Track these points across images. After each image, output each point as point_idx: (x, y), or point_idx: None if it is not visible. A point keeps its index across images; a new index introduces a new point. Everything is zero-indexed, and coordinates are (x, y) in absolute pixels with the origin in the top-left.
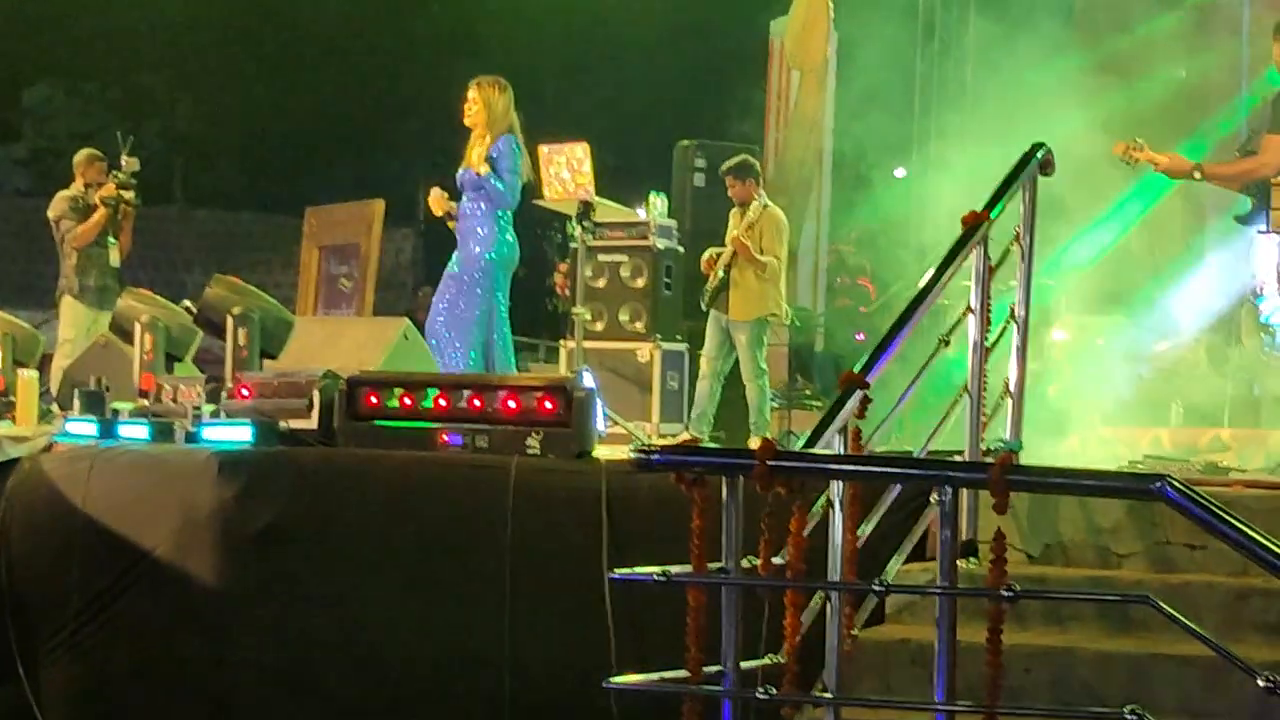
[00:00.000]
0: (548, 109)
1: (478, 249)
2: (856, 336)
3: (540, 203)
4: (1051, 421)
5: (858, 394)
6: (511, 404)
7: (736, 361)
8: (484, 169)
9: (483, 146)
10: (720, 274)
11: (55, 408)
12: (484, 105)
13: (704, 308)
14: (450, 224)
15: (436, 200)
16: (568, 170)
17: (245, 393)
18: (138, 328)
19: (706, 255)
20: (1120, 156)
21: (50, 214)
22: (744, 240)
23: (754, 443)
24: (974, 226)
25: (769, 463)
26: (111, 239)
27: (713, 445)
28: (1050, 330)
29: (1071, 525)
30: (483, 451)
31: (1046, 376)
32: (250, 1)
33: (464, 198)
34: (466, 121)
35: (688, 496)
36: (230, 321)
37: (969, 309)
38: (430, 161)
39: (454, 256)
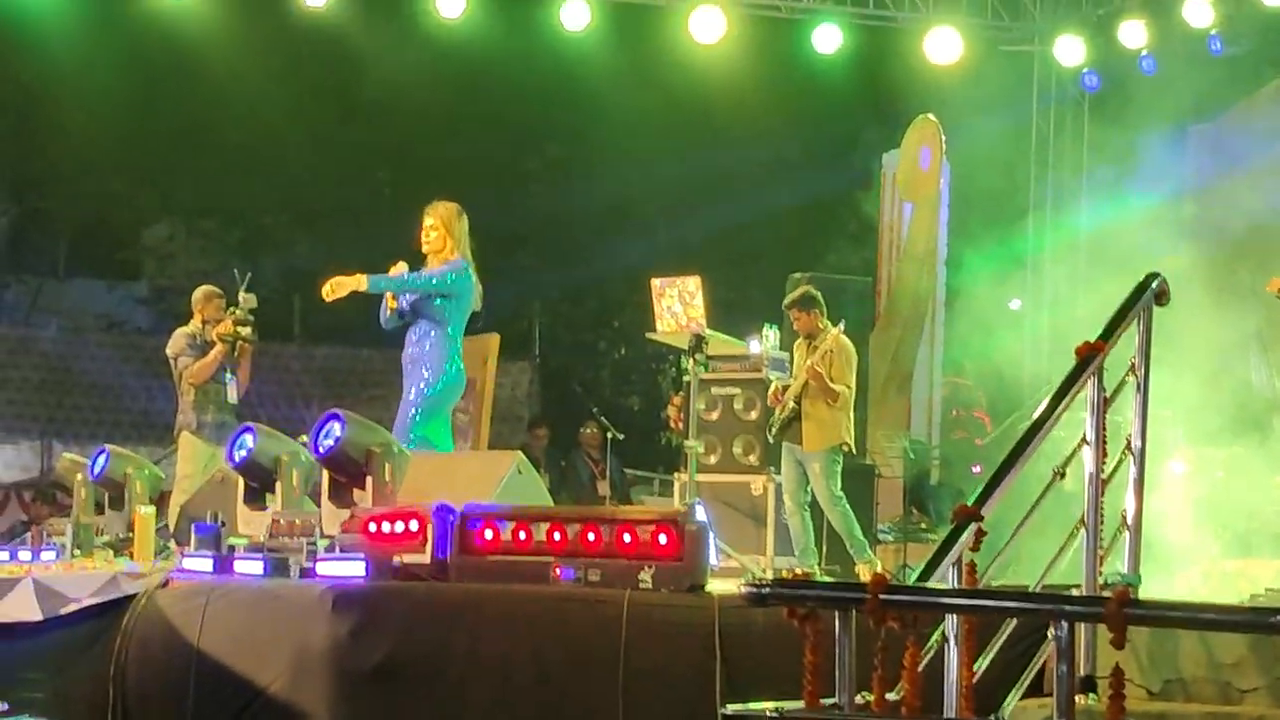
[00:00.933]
0: (659, 242)
1: (427, 375)
2: (973, 469)
3: (653, 336)
4: (1171, 554)
5: (972, 527)
6: (625, 538)
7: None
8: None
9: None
10: (791, 405)
11: (172, 543)
12: (444, 229)
13: (772, 440)
14: (391, 304)
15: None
16: (680, 304)
17: (363, 527)
18: (281, 465)
19: (773, 388)
20: (1276, 295)
21: (169, 351)
22: (817, 369)
23: (865, 575)
24: (1088, 357)
25: (882, 596)
26: (229, 375)
27: (826, 579)
28: (1168, 462)
29: (1192, 660)
30: (596, 585)
31: (1165, 509)
32: (366, 142)
33: (411, 328)
34: (425, 249)
35: (800, 631)
36: (374, 457)
37: (1084, 440)
38: (545, 296)
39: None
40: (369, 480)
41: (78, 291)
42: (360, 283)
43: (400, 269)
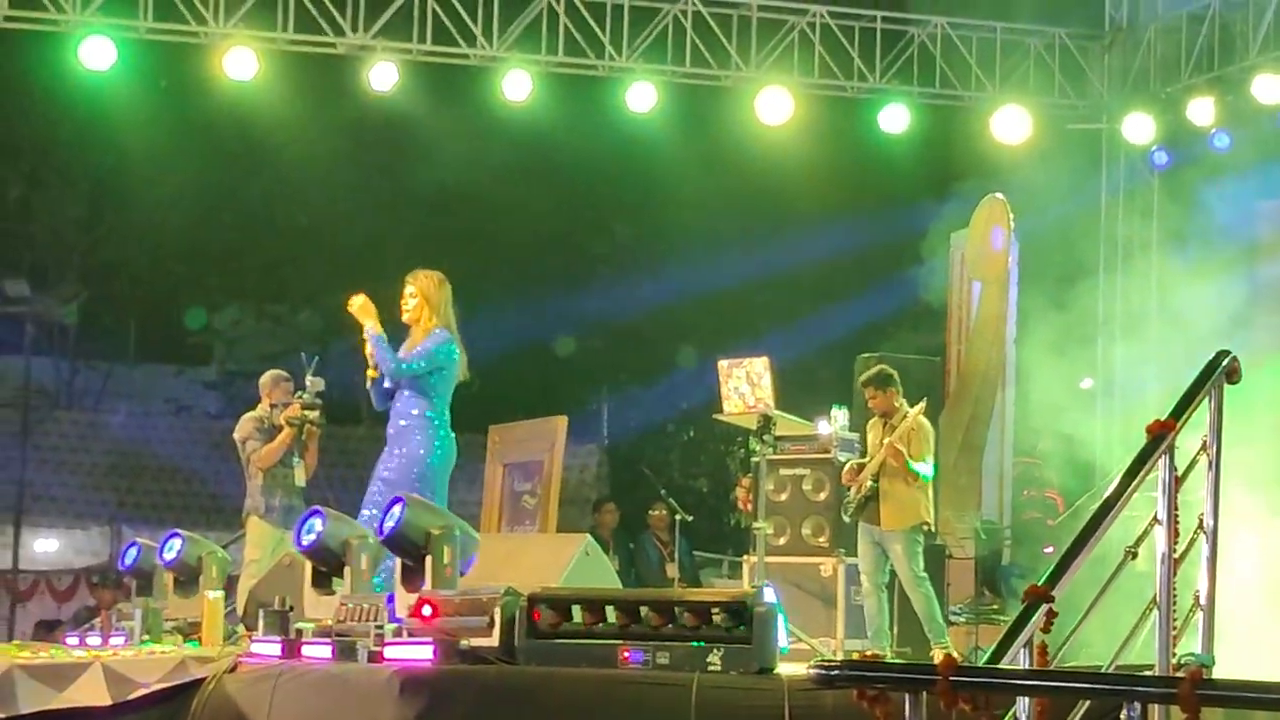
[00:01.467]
0: (727, 323)
1: (420, 450)
2: (1044, 550)
3: (720, 418)
4: (1246, 634)
5: (1043, 607)
6: (694, 620)
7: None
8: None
9: (416, 340)
10: (869, 484)
11: (241, 627)
12: (423, 298)
13: (847, 519)
14: (371, 374)
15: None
16: (747, 384)
17: (428, 611)
18: (352, 549)
19: (848, 467)
20: None
21: (236, 435)
22: (897, 447)
23: (936, 657)
24: (1159, 436)
25: (952, 678)
26: (297, 459)
27: (895, 660)
28: (1242, 537)
29: None
30: (664, 668)
31: (1240, 586)
32: (432, 226)
33: (396, 399)
34: (405, 318)
35: (871, 713)
36: (433, 540)
37: (1156, 519)
38: (613, 378)
39: (381, 460)
40: (429, 562)
41: (146, 376)
42: (375, 326)
43: (359, 300)
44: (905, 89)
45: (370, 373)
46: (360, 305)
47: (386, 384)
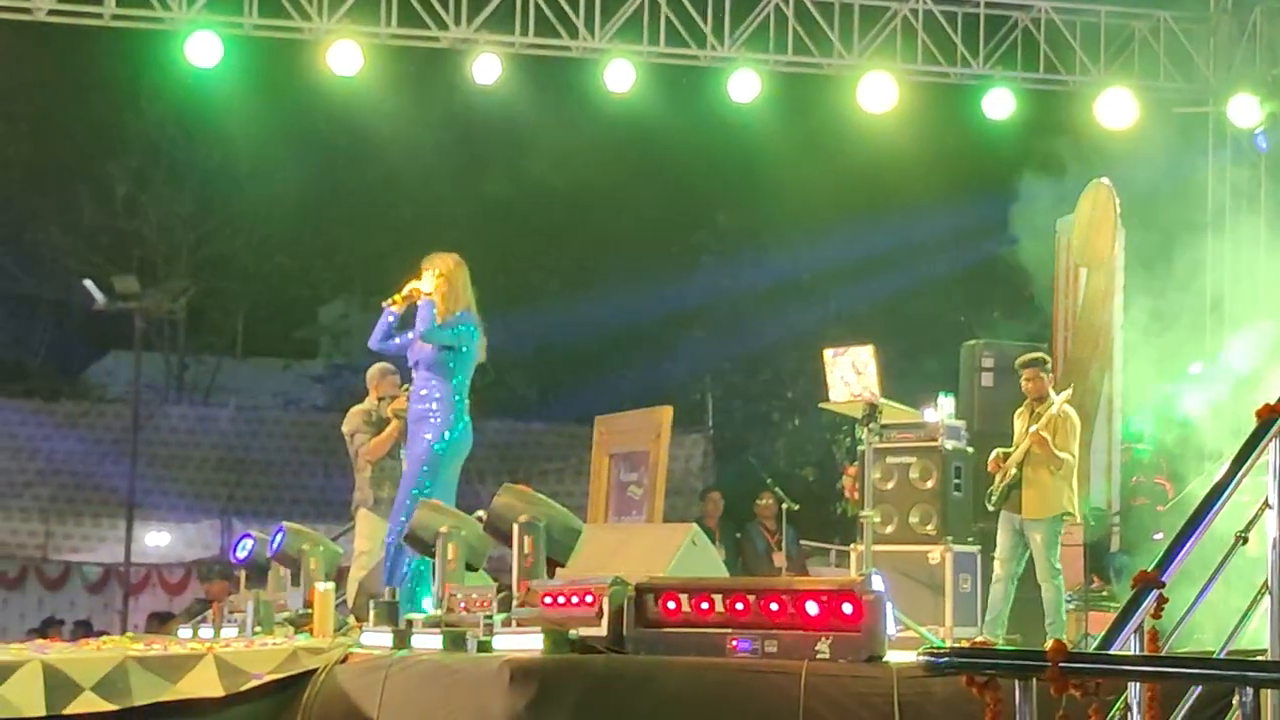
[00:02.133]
0: (831, 312)
1: (428, 436)
2: (1154, 535)
3: (826, 406)
4: None
5: (1153, 593)
6: (802, 609)
7: (1029, 561)
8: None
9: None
10: (1013, 472)
11: (351, 619)
12: (444, 279)
13: (991, 507)
14: (394, 302)
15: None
16: (853, 372)
17: (538, 600)
18: (439, 539)
19: (994, 455)
20: None
21: (345, 428)
22: (1043, 435)
23: (1048, 644)
24: (1269, 420)
25: (1062, 665)
26: (404, 452)
27: (1005, 647)
28: None
29: None
30: (772, 657)
31: None
32: (537, 217)
33: (415, 377)
34: (421, 299)
35: (980, 700)
36: (516, 529)
37: (1266, 504)
38: (717, 367)
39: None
40: (514, 551)
41: (254, 370)
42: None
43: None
44: (1009, 74)
45: (393, 302)
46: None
47: (397, 341)
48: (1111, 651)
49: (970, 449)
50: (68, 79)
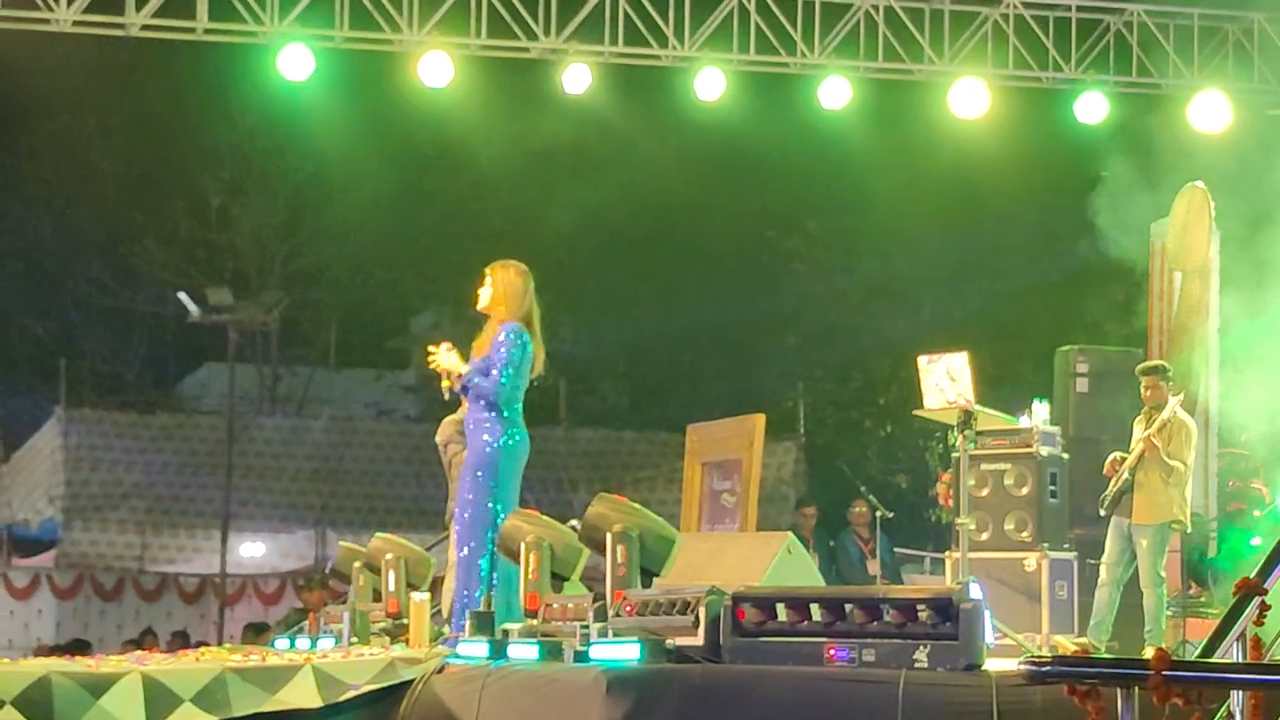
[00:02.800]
0: (925, 319)
1: (486, 437)
2: (1252, 541)
3: (920, 413)
4: None
5: (1255, 600)
6: (899, 617)
7: (1134, 569)
8: (465, 368)
9: (491, 332)
10: (1126, 477)
11: (447, 629)
12: (498, 289)
13: (1103, 511)
14: (445, 384)
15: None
16: (947, 379)
17: (629, 610)
18: (523, 548)
19: (1109, 460)
20: None
21: (438, 438)
22: (1155, 441)
23: (1148, 652)
24: None
25: (1165, 673)
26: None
27: (1105, 655)
28: None
29: None
30: (870, 665)
31: None
32: (627, 225)
33: (471, 396)
34: (479, 307)
35: (1081, 708)
36: (610, 539)
37: None
38: (809, 375)
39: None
40: (608, 561)
41: (347, 381)
42: (462, 369)
43: (441, 355)
44: (1101, 78)
45: (445, 381)
46: (444, 363)
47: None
48: (1214, 659)
49: (1065, 455)
50: (162, 93)
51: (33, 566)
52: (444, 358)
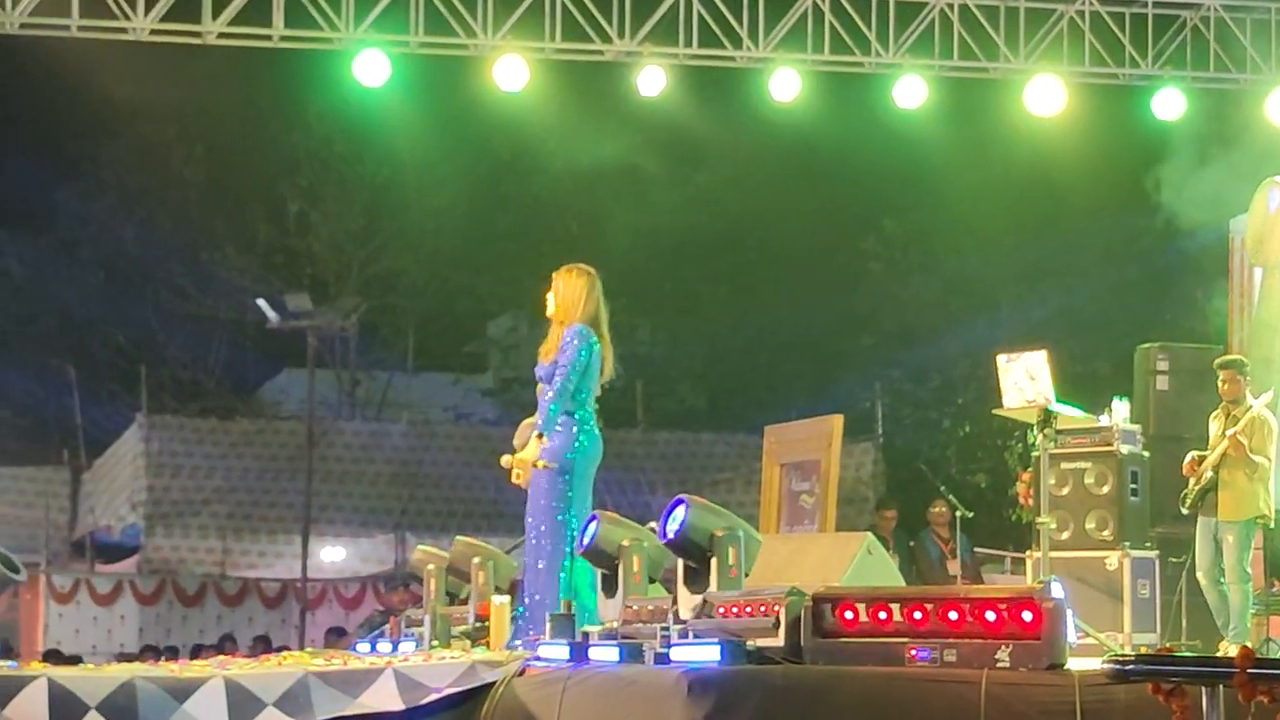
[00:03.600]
0: (1004, 317)
1: (558, 440)
2: None
3: (999, 412)
4: None
5: None
6: (981, 617)
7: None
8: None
9: (556, 337)
10: (1208, 475)
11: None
12: (562, 295)
13: (1185, 510)
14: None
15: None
16: (1027, 378)
17: (716, 612)
18: (622, 550)
19: (1189, 459)
20: None
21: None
22: (1239, 439)
23: (1230, 650)
24: None
25: (1250, 671)
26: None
27: (1188, 654)
28: None
29: None
30: (952, 666)
31: None
32: (702, 226)
33: (541, 400)
34: (548, 313)
35: (1166, 707)
36: (714, 541)
37: None
38: (886, 375)
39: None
40: (713, 563)
41: (425, 385)
42: (536, 449)
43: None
44: (1178, 74)
45: (518, 477)
46: (520, 471)
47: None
48: None
49: (1146, 453)
50: (239, 100)
51: (115, 573)
52: (527, 454)
